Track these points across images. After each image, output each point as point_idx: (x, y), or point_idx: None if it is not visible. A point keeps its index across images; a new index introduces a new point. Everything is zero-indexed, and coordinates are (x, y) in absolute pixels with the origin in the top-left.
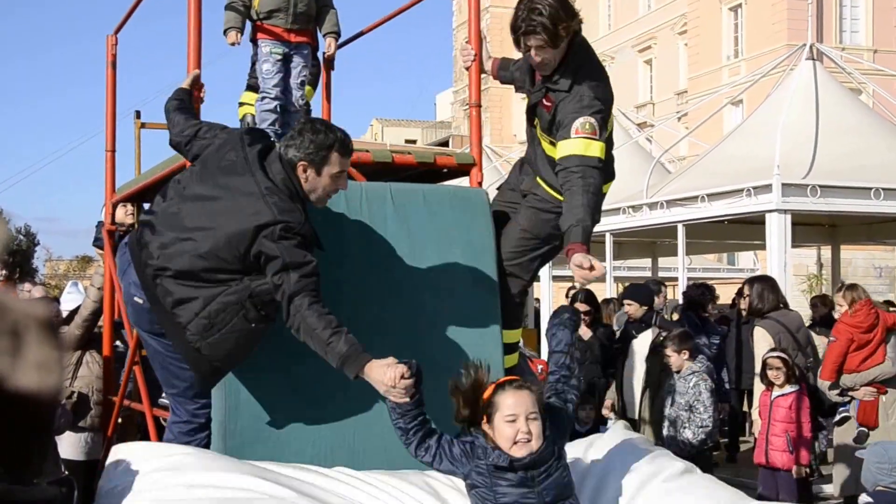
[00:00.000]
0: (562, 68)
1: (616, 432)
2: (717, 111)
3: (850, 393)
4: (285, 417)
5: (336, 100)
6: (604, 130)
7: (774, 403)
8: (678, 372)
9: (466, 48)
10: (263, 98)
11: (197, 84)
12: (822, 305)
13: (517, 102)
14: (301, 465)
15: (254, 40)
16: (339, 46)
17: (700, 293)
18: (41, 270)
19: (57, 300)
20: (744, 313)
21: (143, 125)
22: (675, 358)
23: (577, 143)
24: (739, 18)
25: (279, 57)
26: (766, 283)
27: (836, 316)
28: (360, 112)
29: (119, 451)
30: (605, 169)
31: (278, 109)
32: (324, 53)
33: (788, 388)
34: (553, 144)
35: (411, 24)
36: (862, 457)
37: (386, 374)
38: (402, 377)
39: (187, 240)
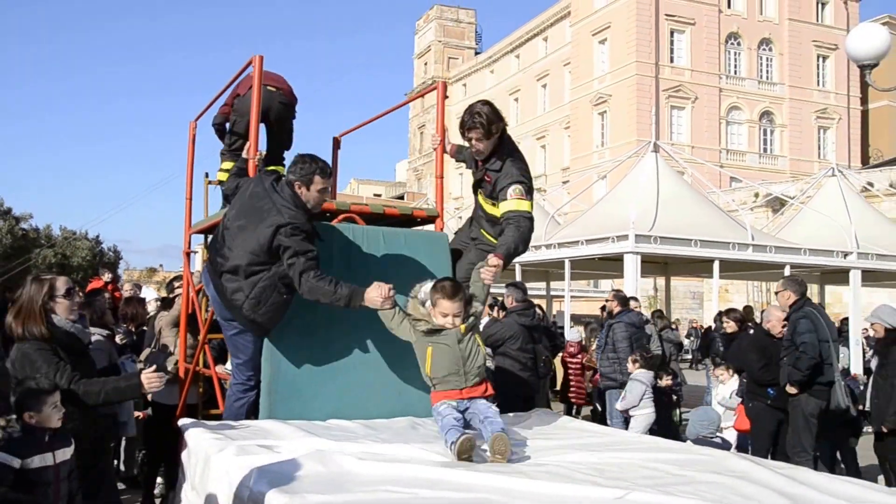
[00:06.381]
0: (495, 155)
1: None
2: (591, 184)
3: None
4: (312, 382)
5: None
6: (529, 194)
7: None
8: None
9: (435, 137)
10: None
11: (255, 155)
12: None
13: (453, 169)
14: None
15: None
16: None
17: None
18: (122, 277)
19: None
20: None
21: (209, 182)
22: None
23: (511, 203)
24: (605, 120)
25: None
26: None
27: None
28: (343, 173)
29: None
30: (532, 218)
31: None
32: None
33: None
34: (494, 205)
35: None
36: (687, 417)
37: (378, 292)
38: (390, 290)
39: (232, 249)
